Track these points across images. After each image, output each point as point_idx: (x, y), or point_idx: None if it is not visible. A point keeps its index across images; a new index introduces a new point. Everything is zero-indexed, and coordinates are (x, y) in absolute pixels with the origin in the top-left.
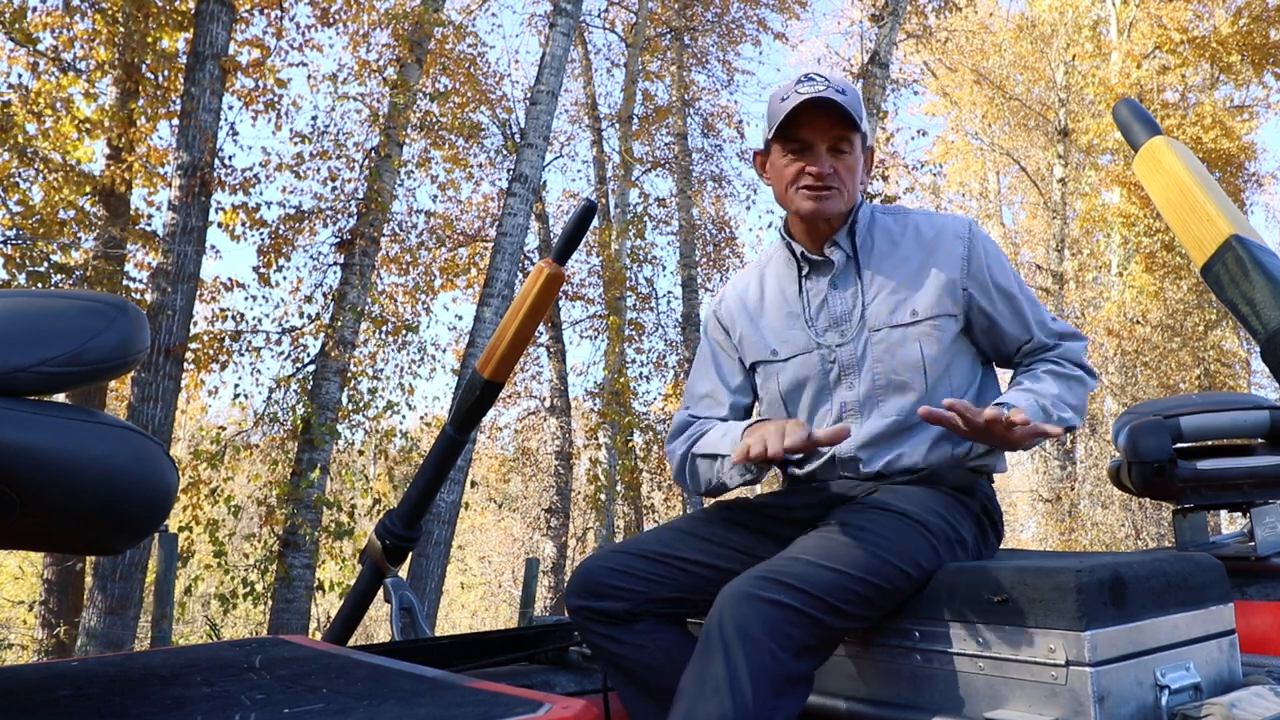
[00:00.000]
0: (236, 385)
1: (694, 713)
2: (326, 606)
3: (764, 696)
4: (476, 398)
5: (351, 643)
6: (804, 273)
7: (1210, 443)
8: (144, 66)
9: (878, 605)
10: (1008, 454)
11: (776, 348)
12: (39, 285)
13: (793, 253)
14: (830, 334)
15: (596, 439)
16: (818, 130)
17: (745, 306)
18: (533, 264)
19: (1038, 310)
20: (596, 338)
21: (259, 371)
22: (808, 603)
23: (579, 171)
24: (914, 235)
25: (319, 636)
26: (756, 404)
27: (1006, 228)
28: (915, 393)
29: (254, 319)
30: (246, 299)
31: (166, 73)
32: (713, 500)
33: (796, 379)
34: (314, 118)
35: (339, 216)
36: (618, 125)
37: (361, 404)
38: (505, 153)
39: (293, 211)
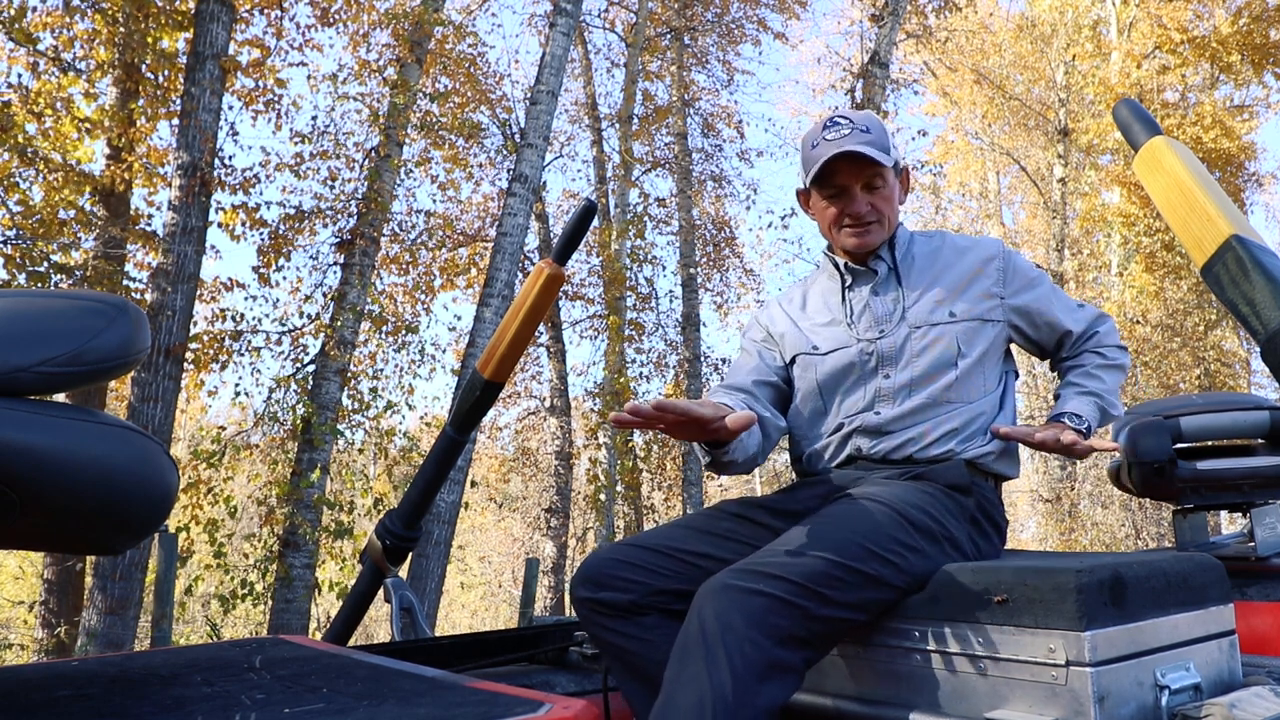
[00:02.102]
0: (236, 385)
1: (673, 698)
2: (326, 606)
3: (744, 681)
4: (476, 398)
5: (351, 643)
6: (847, 284)
7: (1210, 443)
8: (144, 66)
9: (865, 593)
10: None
11: (818, 344)
12: (39, 285)
13: (837, 267)
14: (870, 331)
15: (596, 439)
16: (850, 174)
17: (788, 312)
18: (533, 264)
19: (1064, 300)
20: (596, 338)
21: (259, 371)
22: (788, 590)
23: (579, 171)
24: (952, 250)
25: (319, 636)
26: (794, 396)
27: (1006, 228)
28: (945, 385)
29: (254, 319)
30: (246, 299)
31: (166, 73)
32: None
33: (835, 369)
34: (314, 118)
35: (339, 216)
36: (618, 125)
37: (361, 404)
38: (505, 153)
39: (293, 211)
